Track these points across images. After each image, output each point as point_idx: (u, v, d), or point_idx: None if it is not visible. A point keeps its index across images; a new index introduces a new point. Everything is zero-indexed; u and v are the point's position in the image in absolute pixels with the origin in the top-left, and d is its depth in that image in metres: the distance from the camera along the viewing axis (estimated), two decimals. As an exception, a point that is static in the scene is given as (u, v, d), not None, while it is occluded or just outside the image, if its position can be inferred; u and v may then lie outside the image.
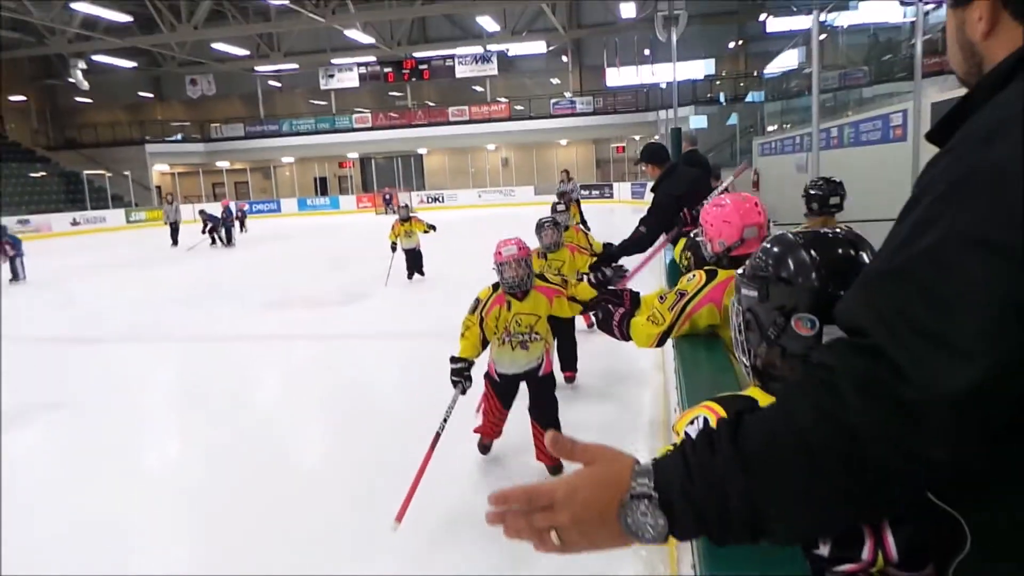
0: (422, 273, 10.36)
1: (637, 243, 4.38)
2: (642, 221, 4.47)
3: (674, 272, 3.58)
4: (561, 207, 6.34)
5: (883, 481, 0.68)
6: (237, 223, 21.33)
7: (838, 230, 1.13)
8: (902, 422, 0.65)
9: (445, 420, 3.35)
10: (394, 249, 10.01)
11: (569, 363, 5.18)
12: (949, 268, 0.65)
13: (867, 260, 1.06)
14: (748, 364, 1.20)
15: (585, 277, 3.90)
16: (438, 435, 3.28)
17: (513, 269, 3.50)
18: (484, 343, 3.58)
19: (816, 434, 0.69)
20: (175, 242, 19.13)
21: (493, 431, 3.89)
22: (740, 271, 1.23)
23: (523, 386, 3.77)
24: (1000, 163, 0.65)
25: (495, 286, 3.61)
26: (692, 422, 1.14)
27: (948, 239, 0.66)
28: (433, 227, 10.15)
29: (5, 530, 3.49)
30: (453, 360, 3.47)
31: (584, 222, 10.55)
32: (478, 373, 3.63)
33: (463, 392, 3.44)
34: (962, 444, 0.65)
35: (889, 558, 0.97)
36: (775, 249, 1.15)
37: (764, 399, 1.09)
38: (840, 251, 1.08)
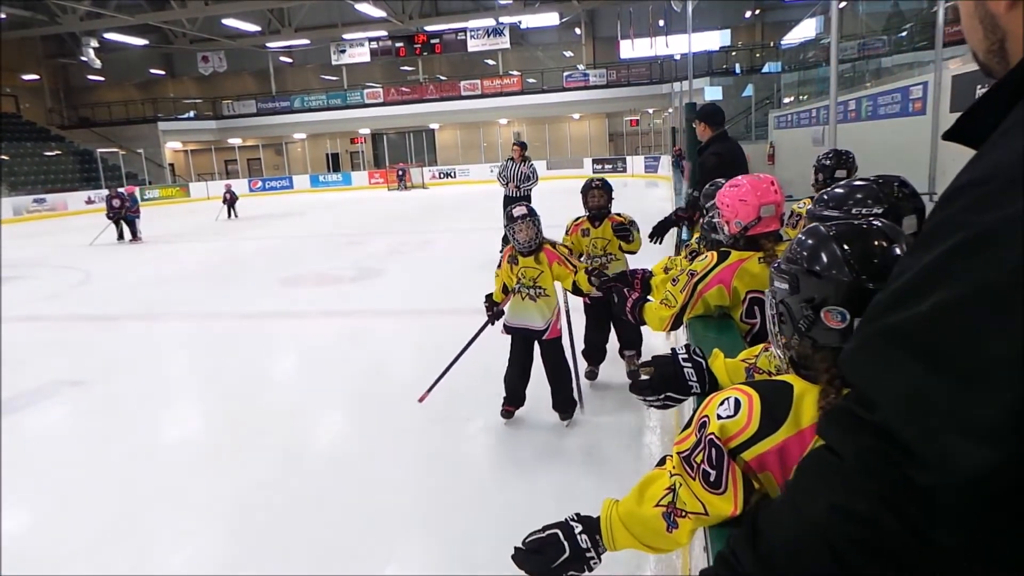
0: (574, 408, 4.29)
1: (689, 206, 4.82)
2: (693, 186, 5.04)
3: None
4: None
5: (905, 566, 0.63)
6: (226, 207, 19.46)
7: (874, 222, 1.12)
8: (910, 504, 0.60)
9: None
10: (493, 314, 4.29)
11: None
12: (968, 332, 0.56)
13: (900, 253, 1.05)
14: (783, 356, 1.20)
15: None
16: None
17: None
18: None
19: (831, 529, 0.66)
20: None
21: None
22: (775, 265, 1.22)
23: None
24: None
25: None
26: (723, 403, 1.14)
27: (969, 296, 0.56)
28: (597, 274, 3.89)
29: (24, 506, 3.58)
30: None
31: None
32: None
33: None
34: (974, 529, 0.59)
35: None
36: (808, 241, 1.14)
37: (800, 386, 1.09)
38: (874, 243, 1.07)
